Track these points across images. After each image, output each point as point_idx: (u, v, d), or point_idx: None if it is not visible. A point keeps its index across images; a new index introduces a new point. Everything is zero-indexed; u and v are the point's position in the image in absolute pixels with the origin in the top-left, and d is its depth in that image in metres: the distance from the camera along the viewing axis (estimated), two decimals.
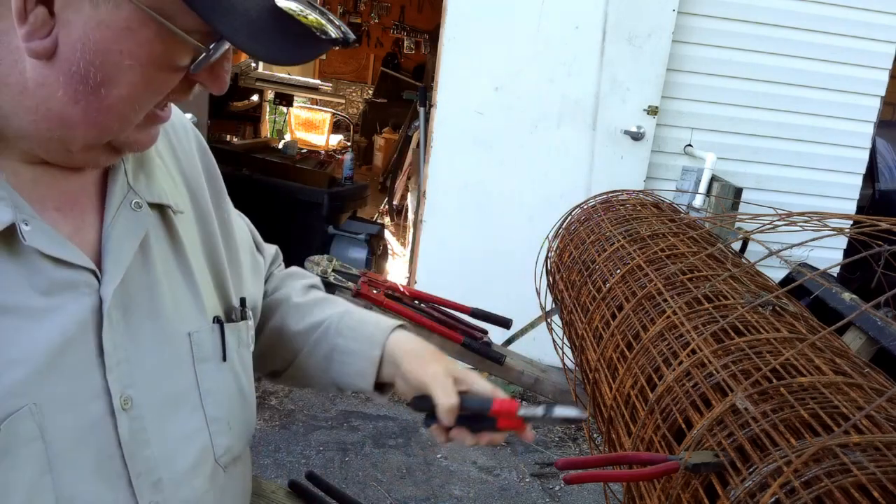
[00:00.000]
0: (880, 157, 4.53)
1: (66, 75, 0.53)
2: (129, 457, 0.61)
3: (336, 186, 4.37)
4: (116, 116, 0.56)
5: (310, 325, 0.87)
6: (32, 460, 0.55)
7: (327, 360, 0.86)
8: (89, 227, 0.62)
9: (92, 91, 0.53)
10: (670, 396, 0.79)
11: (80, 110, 0.54)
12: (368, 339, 0.84)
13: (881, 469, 0.56)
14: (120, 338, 0.61)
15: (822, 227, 0.88)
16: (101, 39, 0.52)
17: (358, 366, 0.85)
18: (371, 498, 2.50)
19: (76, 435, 0.58)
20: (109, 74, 0.53)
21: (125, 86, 0.54)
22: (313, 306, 0.89)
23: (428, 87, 3.88)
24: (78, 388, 0.58)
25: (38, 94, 0.53)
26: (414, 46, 9.28)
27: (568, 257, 1.33)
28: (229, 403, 0.71)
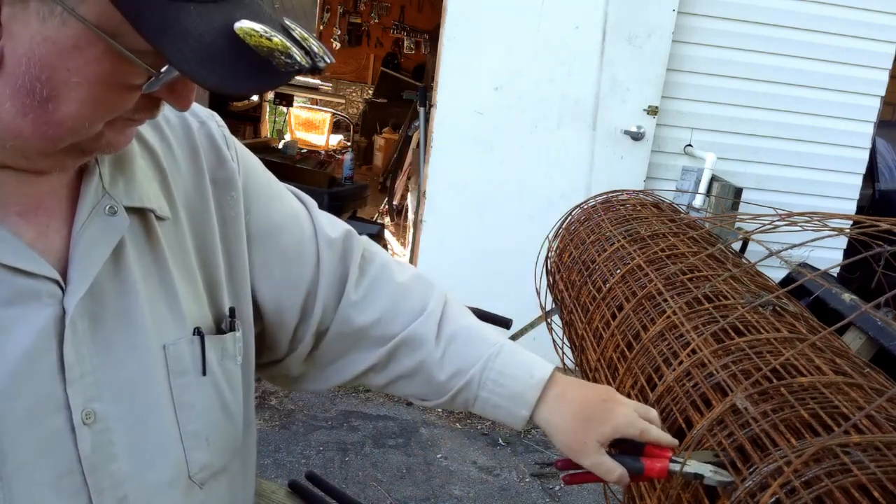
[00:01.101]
0: (880, 157, 4.53)
1: (13, 88, 0.51)
2: (90, 472, 0.59)
3: (336, 186, 4.37)
4: (67, 130, 0.54)
5: (451, 375, 0.82)
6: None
7: (469, 405, 0.83)
8: (54, 233, 0.59)
9: (39, 105, 0.52)
10: (670, 396, 0.79)
11: (30, 122, 0.52)
12: (517, 398, 0.80)
13: (881, 469, 0.56)
14: (85, 349, 0.59)
15: (822, 227, 0.88)
16: (46, 55, 0.50)
17: (505, 418, 0.82)
18: (371, 498, 2.50)
19: (33, 449, 0.56)
20: (56, 90, 0.51)
21: (73, 102, 0.52)
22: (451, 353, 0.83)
23: (428, 87, 3.88)
24: (37, 401, 0.56)
25: None
26: (414, 46, 9.28)
27: (568, 257, 1.33)
28: (208, 418, 0.69)
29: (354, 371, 0.85)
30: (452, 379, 0.82)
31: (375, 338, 0.84)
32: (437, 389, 0.83)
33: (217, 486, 0.71)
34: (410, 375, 0.84)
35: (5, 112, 0.52)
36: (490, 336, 0.84)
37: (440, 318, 0.85)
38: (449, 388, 0.82)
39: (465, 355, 0.82)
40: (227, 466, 0.72)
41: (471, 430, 3.05)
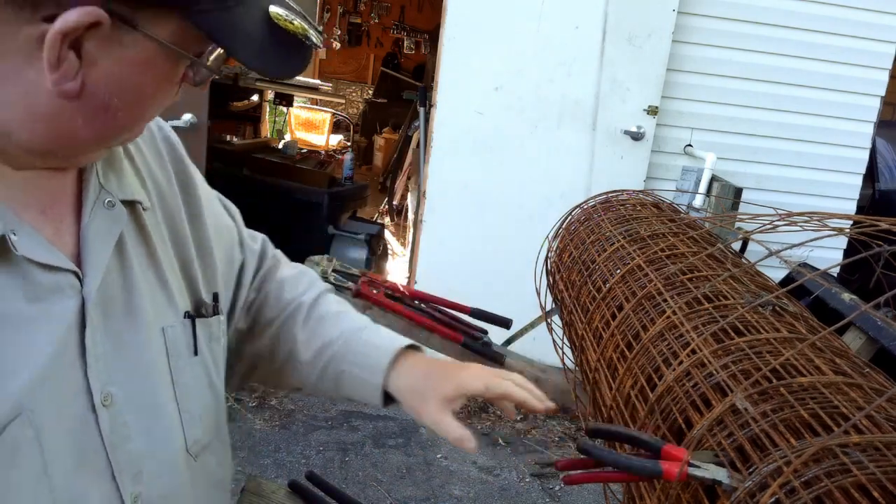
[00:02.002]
0: (880, 157, 4.53)
1: (89, 108, 0.56)
2: (112, 451, 0.63)
3: (336, 186, 4.37)
4: (123, 129, 0.61)
5: (316, 352, 0.87)
6: (31, 462, 0.57)
7: (336, 384, 0.87)
8: (67, 227, 0.63)
9: (110, 116, 0.58)
10: (670, 396, 0.79)
11: (93, 130, 0.58)
12: (374, 368, 0.84)
13: (881, 469, 0.56)
14: (99, 336, 0.62)
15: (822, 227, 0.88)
16: (123, 73, 0.56)
17: (366, 394, 0.86)
18: (371, 498, 2.50)
19: (63, 433, 0.59)
20: (128, 101, 0.58)
21: (138, 107, 0.59)
22: (318, 331, 0.88)
23: (428, 87, 3.88)
24: (64, 387, 0.60)
25: (55, 122, 0.56)
26: (414, 46, 9.28)
27: (568, 257, 1.33)
28: (200, 396, 0.74)
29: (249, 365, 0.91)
30: (316, 358, 0.86)
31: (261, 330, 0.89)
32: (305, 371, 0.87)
33: (206, 461, 0.75)
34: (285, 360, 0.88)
35: (72, 126, 0.57)
36: (355, 318, 0.89)
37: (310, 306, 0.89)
38: (310, 367, 0.87)
39: (326, 334, 0.86)
40: (212, 442, 0.76)
41: (471, 429, 3.04)
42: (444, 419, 0.82)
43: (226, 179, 4.17)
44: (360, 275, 1.49)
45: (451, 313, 1.49)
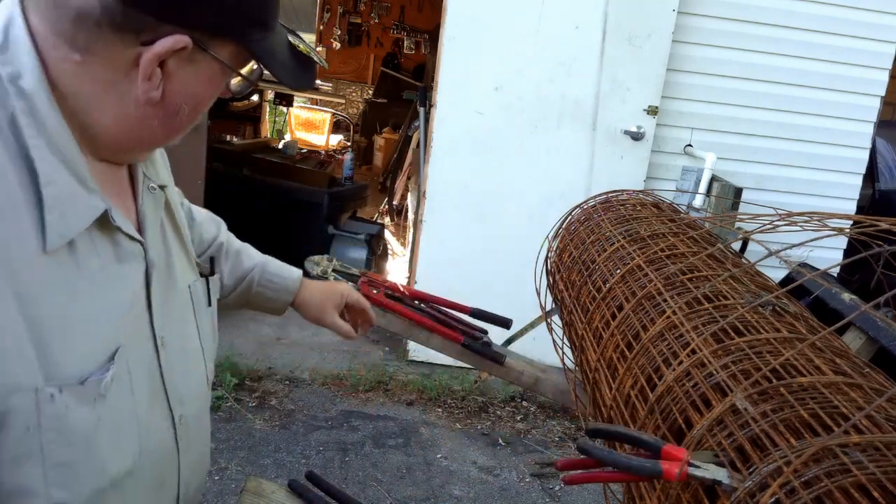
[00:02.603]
0: (880, 157, 4.53)
1: (164, 113, 0.72)
2: (169, 387, 0.80)
3: (336, 186, 4.37)
4: (182, 131, 0.77)
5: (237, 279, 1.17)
6: (126, 390, 0.73)
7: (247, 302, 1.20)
8: (129, 208, 0.80)
9: (178, 120, 0.74)
10: (670, 396, 0.79)
11: (165, 131, 0.75)
12: (283, 291, 1.19)
13: (881, 469, 0.56)
14: (158, 293, 0.79)
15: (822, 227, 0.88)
16: (193, 86, 0.73)
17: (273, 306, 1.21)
18: (371, 498, 2.50)
19: (141, 368, 0.76)
20: (192, 107, 0.74)
21: (197, 112, 0.76)
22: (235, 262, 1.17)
23: (428, 87, 3.88)
24: (138, 333, 0.76)
25: (138, 123, 0.72)
26: (414, 46, 9.28)
27: (568, 257, 1.33)
28: (213, 338, 0.94)
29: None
30: (237, 284, 1.17)
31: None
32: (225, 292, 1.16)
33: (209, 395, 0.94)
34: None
35: (153, 127, 0.73)
36: (256, 253, 1.21)
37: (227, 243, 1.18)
38: (231, 290, 1.17)
39: (244, 266, 1.17)
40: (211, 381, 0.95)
41: (471, 430, 3.05)
42: (338, 321, 1.24)
43: (226, 179, 4.17)
44: (360, 275, 1.49)
45: (451, 313, 1.49)
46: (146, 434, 0.76)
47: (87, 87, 0.68)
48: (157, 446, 0.78)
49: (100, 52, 0.66)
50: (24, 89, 0.65)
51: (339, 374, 3.26)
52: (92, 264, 0.70)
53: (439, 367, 3.41)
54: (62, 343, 0.66)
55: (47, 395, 0.64)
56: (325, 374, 3.25)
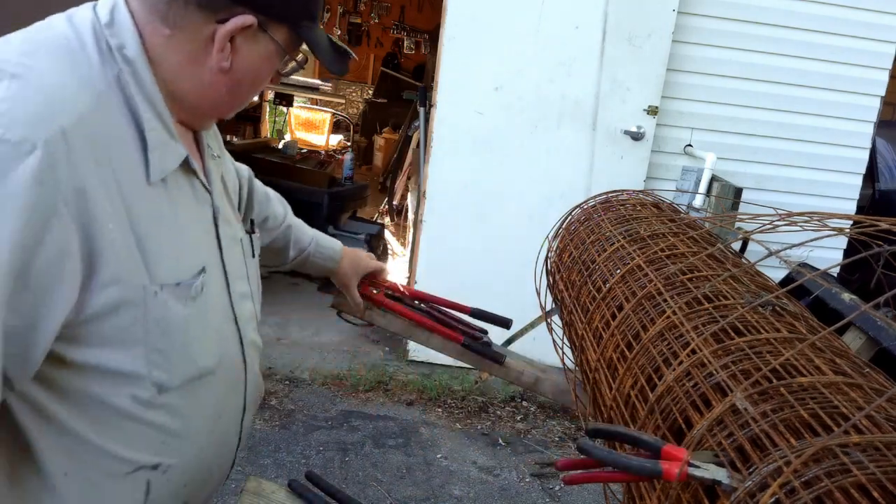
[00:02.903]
0: (880, 157, 4.53)
1: (231, 82, 0.88)
2: (235, 306, 0.97)
3: (336, 186, 4.37)
4: (241, 104, 0.94)
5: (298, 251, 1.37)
6: (209, 300, 0.90)
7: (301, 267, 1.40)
8: (198, 166, 0.94)
9: (242, 91, 0.91)
10: (670, 396, 0.79)
11: (229, 99, 0.91)
12: (330, 259, 1.40)
13: (881, 469, 0.56)
14: (224, 234, 0.96)
15: (822, 227, 0.88)
16: (253, 62, 0.88)
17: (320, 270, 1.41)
18: (371, 498, 2.50)
19: (217, 290, 0.93)
20: (250, 81, 0.90)
21: (255, 88, 0.92)
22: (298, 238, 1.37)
23: (428, 87, 3.88)
24: (214, 261, 0.93)
25: (210, 90, 0.88)
26: (414, 46, 9.28)
27: (568, 257, 1.33)
28: (257, 286, 1.09)
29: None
30: (298, 254, 1.37)
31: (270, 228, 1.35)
32: (286, 260, 1.38)
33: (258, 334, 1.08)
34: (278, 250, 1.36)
35: (221, 94, 0.89)
36: (307, 227, 1.41)
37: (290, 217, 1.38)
38: (293, 259, 1.37)
39: (303, 240, 1.37)
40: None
41: (471, 430, 3.05)
42: (356, 293, 1.43)
43: None
44: None
45: (452, 313, 1.49)
46: (223, 343, 0.94)
47: (174, 56, 0.84)
48: (231, 357, 0.96)
49: (185, 28, 0.83)
50: (128, 56, 0.81)
51: (339, 374, 3.26)
52: (179, 199, 0.88)
53: (439, 367, 3.41)
54: (160, 254, 0.83)
55: (152, 292, 0.81)
56: (325, 374, 3.25)
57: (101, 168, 0.76)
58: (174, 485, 0.90)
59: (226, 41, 0.84)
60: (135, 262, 0.79)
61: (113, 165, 0.78)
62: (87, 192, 0.74)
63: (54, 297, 0.73)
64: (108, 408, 0.82)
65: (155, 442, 0.86)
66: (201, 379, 0.89)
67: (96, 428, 0.82)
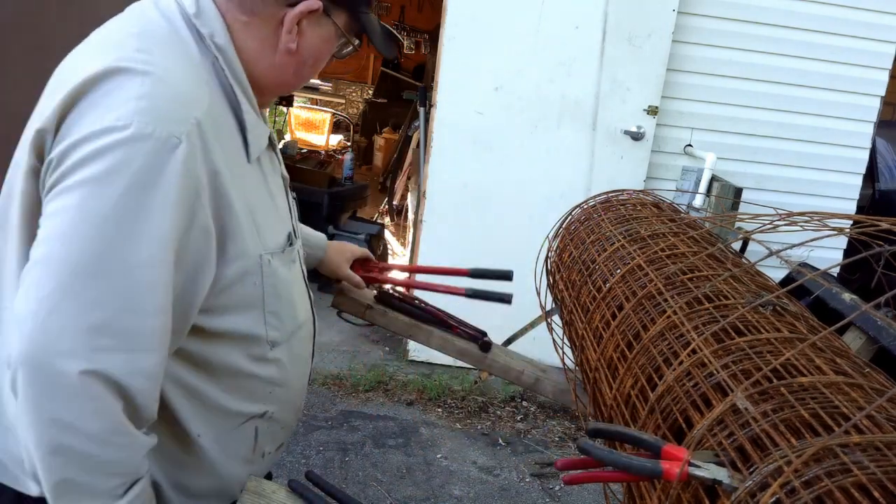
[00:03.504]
0: (880, 157, 4.53)
1: (297, 62, 0.93)
2: (302, 266, 1.06)
3: (336, 186, 4.36)
4: (304, 81, 0.98)
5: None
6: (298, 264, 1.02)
7: None
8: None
9: (305, 71, 0.95)
10: (670, 396, 0.79)
11: (294, 78, 0.96)
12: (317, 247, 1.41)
13: (882, 469, 0.56)
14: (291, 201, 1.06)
15: (822, 227, 0.88)
16: (316, 44, 0.94)
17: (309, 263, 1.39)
18: (371, 498, 2.50)
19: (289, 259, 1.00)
20: (314, 62, 0.95)
21: (315, 68, 0.96)
22: None
23: (428, 87, 3.88)
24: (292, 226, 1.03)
25: (278, 70, 0.93)
26: (414, 46, 9.27)
27: (568, 257, 1.33)
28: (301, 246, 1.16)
29: None
30: None
31: None
32: None
33: None
34: None
35: (288, 74, 0.94)
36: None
37: None
38: None
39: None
40: None
41: (471, 430, 3.04)
42: (349, 273, 1.43)
43: None
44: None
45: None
46: (306, 298, 1.05)
47: (251, 41, 0.89)
48: (309, 309, 1.07)
49: (260, 13, 0.88)
50: (219, 44, 0.87)
51: (339, 374, 3.26)
52: (270, 174, 0.97)
53: (439, 367, 3.41)
54: (266, 224, 0.92)
55: (267, 259, 0.91)
56: (325, 374, 3.25)
57: (223, 151, 0.84)
58: (275, 428, 1.01)
59: (294, 24, 0.89)
60: (252, 234, 0.89)
61: (227, 148, 0.85)
62: (219, 174, 0.82)
63: (205, 274, 0.83)
64: (231, 369, 0.91)
65: (264, 393, 0.96)
66: (297, 332, 1.01)
67: (223, 388, 0.91)
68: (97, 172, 0.73)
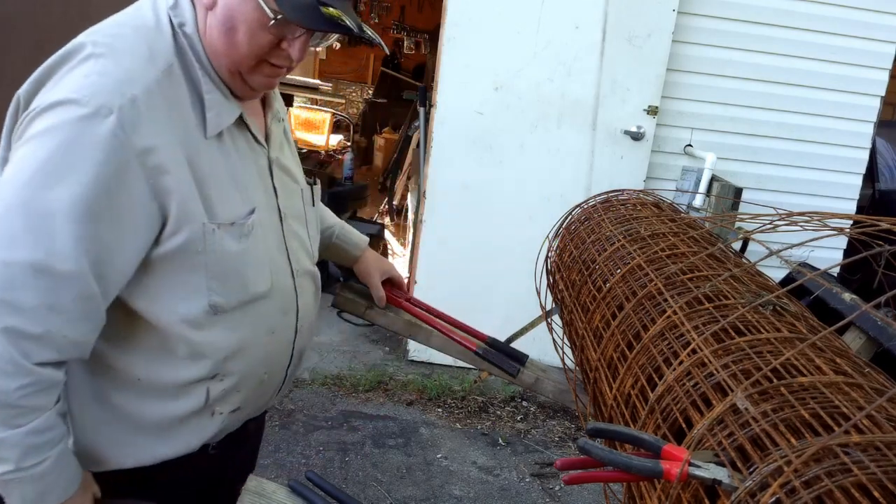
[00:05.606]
0: (880, 157, 4.53)
1: (218, 22, 0.96)
2: (287, 243, 1.12)
3: (336, 186, 4.36)
4: (238, 51, 0.97)
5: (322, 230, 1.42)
6: (261, 237, 1.05)
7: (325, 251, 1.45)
8: (261, 125, 1.11)
9: (227, 32, 0.96)
10: (671, 396, 0.79)
11: (223, 44, 0.97)
12: (355, 246, 1.49)
13: (881, 469, 0.56)
14: (279, 182, 1.12)
15: (822, 227, 0.88)
16: (232, 5, 0.94)
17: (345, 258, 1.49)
18: (371, 498, 2.50)
19: (270, 228, 1.08)
20: (234, 24, 0.95)
21: (241, 33, 0.96)
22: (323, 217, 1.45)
23: (428, 87, 3.87)
24: (269, 204, 1.09)
25: (208, 33, 0.97)
26: (414, 46, 9.27)
27: (568, 257, 1.33)
28: (315, 227, 1.26)
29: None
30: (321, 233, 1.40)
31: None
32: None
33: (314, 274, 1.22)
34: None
35: (213, 36, 0.97)
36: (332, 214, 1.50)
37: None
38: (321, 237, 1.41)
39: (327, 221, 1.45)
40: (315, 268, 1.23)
41: (471, 430, 3.04)
42: (378, 284, 1.47)
43: None
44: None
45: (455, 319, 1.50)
46: (276, 272, 1.09)
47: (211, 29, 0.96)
48: (283, 284, 1.11)
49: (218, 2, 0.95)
50: (188, 33, 0.97)
51: (339, 374, 3.26)
52: (232, 151, 1.02)
53: (439, 367, 3.41)
54: (216, 196, 0.98)
55: (210, 229, 0.97)
56: (325, 374, 3.25)
57: (167, 128, 0.92)
58: (230, 391, 1.07)
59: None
60: (196, 204, 0.95)
61: (177, 124, 0.93)
62: (156, 148, 0.90)
63: (131, 233, 0.91)
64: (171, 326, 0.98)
65: (214, 355, 1.02)
66: (255, 302, 1.05)
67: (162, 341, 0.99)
68: (39, 131, 0.87)
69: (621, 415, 0.91)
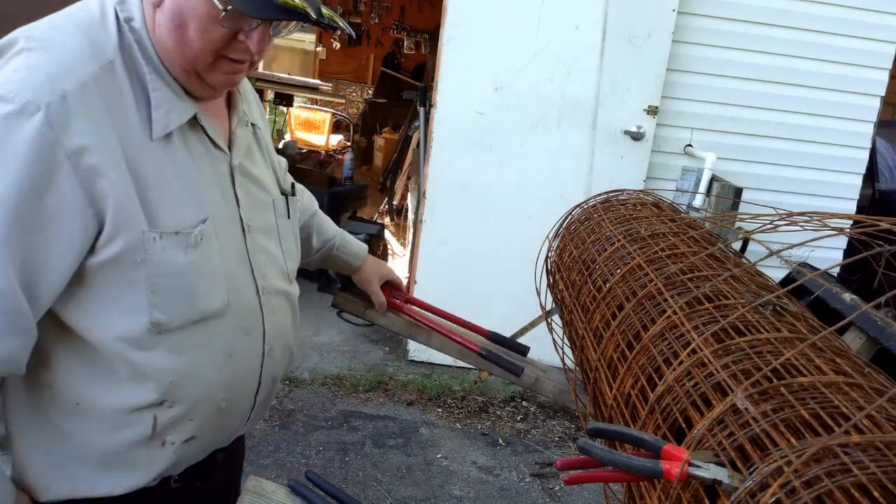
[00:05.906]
0: (880, 157, 4.53)
1: (165, 18, 0.89)
2: (251, 256, 1.02)
3: (336, 186, 4.37)
4: (191, 48, 0.90)
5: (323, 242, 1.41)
6: (215, 249, 0.95)
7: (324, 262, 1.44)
8: (224, 128, 1.03)
9: (177, 30, 0.89)
10: (671, 396, 0.79)
11: (174, 41, 0.90)
12: (355, 256, 1.45)
13: (882, 469, 0.56)
14: (242, 191, 1.03)
15: (822, 227, 0.88)
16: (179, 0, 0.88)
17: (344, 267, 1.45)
18: (371, 498, 2.50)
19: (228, 240, 0.99)
20: (184, 21, 0.88)
21: (192, 29, 0.89)
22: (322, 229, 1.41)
23: (428, 87, 3.87)
24: (229, 214, 0.99)
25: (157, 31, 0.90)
26: (414, 46, 9.28)
27: (568, 257, 1.33)
28: (291, 242, 1.16)
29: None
30: (322, 246, 1.41)
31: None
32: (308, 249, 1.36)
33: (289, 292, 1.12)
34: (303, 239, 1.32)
35: (163, 34, 0.90)
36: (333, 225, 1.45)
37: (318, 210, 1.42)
38: (317, 251, 1.40)
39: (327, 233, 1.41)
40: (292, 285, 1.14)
41: (471, 430, 3.04)
42: (378, 290, 1.45)
43: None
44: None
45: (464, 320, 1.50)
46: (234, 289, 0.99)
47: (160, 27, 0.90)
48: (244, 302, 1.01)
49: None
50: (135, 28, 0.91)
51: (339, 374, 3.26)
52: (186, 155, 0.94)
53: (439, 367, 3.41)
54: (160, 202, 0.90)
55: (150, 237, 0.88)
56: (325, 374, 3.25)
57: (105, 127, 0.85)
58: (182, 420, 0.96)
59: None
60: (135, 209, 0.87)
61: (117, 123, 0.87)
62: (90, 148, 0.83)
63: (62, 240, 0.83)
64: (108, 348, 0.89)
65: (160, 378, 0.92)
66: (207, 321, 0.95)
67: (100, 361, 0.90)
68: None
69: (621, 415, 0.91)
